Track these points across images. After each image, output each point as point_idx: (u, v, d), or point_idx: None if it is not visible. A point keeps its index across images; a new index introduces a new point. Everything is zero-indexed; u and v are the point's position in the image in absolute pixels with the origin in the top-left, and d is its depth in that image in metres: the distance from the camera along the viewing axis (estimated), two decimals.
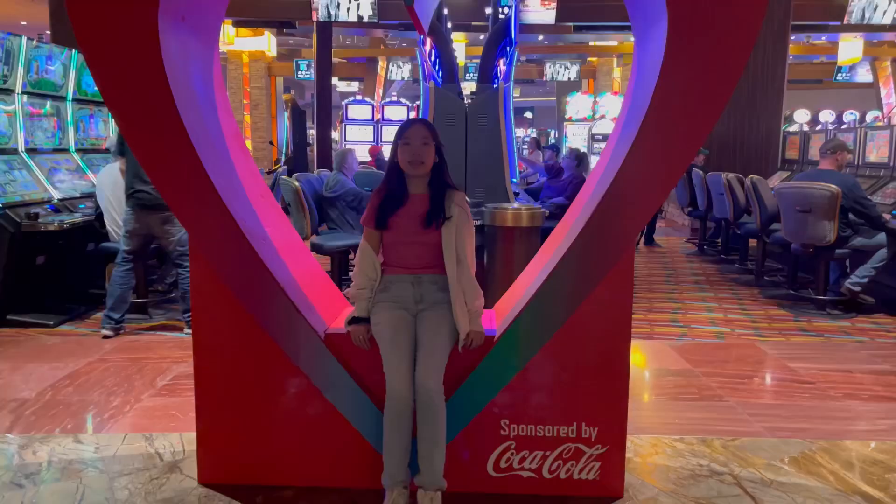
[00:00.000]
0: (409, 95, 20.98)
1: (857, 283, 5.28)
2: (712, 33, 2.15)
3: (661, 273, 7.15)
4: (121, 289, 4.57)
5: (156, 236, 4.64)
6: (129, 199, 4.52)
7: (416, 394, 2.25)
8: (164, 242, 4.64)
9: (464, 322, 2.39)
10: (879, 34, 14.96)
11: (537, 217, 4.38)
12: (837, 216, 5.08)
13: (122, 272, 4.59)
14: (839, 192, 5.03)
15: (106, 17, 2.21)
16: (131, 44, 2.21)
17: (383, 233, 2.50)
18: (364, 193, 5.45)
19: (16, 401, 3.42)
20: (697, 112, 2.23)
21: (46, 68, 5.52)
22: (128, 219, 4.55)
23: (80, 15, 2.22)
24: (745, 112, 9.60)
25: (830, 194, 5.06)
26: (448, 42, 6.39)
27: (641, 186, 2.31)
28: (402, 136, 2.45)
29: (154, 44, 2.21)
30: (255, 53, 17.35)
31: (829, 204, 5.08)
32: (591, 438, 2.50)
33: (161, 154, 2.34)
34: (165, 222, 4.56)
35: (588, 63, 20.55)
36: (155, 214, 4.52)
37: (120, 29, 2.21)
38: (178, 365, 3.97)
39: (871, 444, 3.02)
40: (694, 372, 3.97)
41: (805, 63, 20.89)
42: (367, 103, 15.45)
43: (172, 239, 4.61)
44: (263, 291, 2.44)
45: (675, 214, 11.58)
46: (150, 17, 2.19)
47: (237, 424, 2.57)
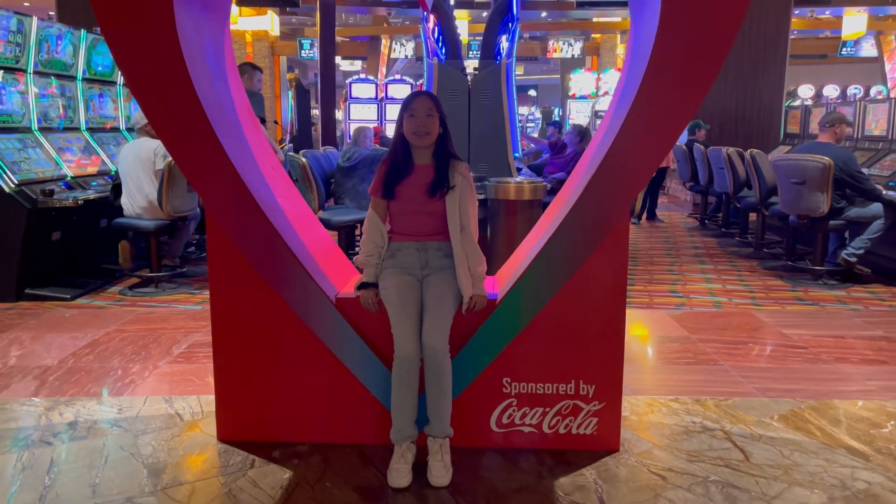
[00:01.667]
0: (413, 74, 20.98)
1: (853, 254, 5.39)
2: (703, 7, 2.25)
3: (662, 247, 7.26)
4: None
5: None
6: None
7: (423, 353, 2.39)
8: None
9: (467, 286, 2.52)
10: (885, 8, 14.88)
11: (539, 190, 4.50)
12: (830, 188, 5.18)
13: None
14: (831, 164, 5.13)
15: None
16: (148, 20, 2.32)
17: (390, 202, 2.62)
18: (379, 155, 5.55)
19: (39, 367, 3.57)
20: (688, 83, 2.33)
21: (57, 48, 5.62)
22: None
23: None
24: (747, 86, 9.67)
25: (823, 166, 5.16)
26: (451, 19, 6.46)
27: (635, 156, 2.43)
28: (408, 109, 2.56)
29: (169, 20, 2.32)
30: (258, 33, 17.34)
31: (822, 176, 5.18)
32: (588, 395, 2.64)
33: (178, 127, 2.45)
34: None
35: (592, 40, 20.48)
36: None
37: (136, 5, 2.32)
38: (192, 334, 4.12)
39: (858, 403, 3.16)
40: (690, 338, 4.10)
41: (810, 38, 20.78)
42: (370, 82, 15.49)
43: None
44: (277, 259, 2.57)
45: (677, 190, 11.66)
46: None
47: (254, 384, 2.72)
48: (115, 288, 5.32)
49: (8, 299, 4.84)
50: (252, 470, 2.53)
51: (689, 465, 2.56)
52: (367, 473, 2.50)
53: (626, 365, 2.67)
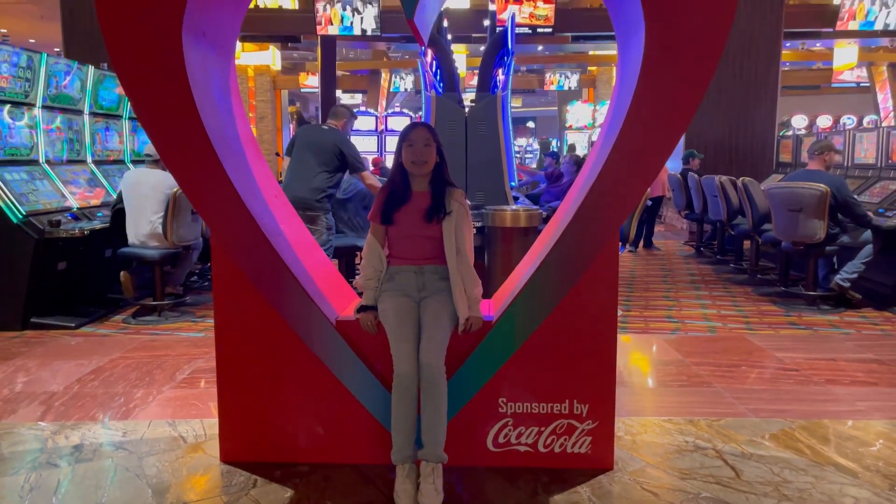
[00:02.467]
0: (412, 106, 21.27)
1: (846, 279, 5.48)
2: (684, 40, 2.38)
3: (658, 274, 7.35)
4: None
5: None
6: None
7: (420, 372, 2.47)
8: None
9: (463, 308, 2.61)
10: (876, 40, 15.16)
11: (534, 218, 4.60)
12: (826, 215, 5.29)
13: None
14: (828, 192, 5.25)
15: (135, 32, 2.45)
16: (158, 56, 2.45)
17: (388, 227, 2.72)
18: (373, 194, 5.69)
19: (45, 393, 3.64)
20: (673, 111, 2.46)
21: (65, 83, 5.78)
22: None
23: (112, 30, 2.46)
24: (740, 117, 9.85)
25: (820, 194, 5.28)
26: (448, 53, 6.63)
27: (623, 180, 2.54)
28: (406, 139, 2.67)
29: (178, 57, 2.45)
30: (260, 67, 17.66)
31: (819, 203, 5.29)
32: (582, 414, 2.71)
33: (186, 157, 2.57)
34: (309, 221, 4.82)
35: (588, 72, 20.83)
36: (300, 212, 4.78)
37: (148, 43, 2.45)
38: (195, 361, 4.19)
39: (847, 423, 3.22)
40: (685, 362, 4.17)
41: (802, 69, 21.13)
42: (370, 114, 15.74)
43: (314, 238, 4.85)
44: (280, 282, 2.66)
45: (673, 219, 11.79)
46: (174, 33, 2.44)
47: (256, 405, 2.79)
48: (119, 316, 5.40)
49: (14, 328, 4.92)
50: (254, 489, 2.59)
51: (681, 482, 2.63)
52: (367, 492, 2.56)
53: (621, 387, 2.76)
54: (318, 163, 4.88)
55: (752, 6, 9.57)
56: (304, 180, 4.86)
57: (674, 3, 2.36)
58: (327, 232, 4.99)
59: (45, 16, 14.62)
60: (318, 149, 4.91)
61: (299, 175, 4.91)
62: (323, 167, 4.89)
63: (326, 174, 4.90)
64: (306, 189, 4.83)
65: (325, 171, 4.90)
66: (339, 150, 4.91)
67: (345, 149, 4.94)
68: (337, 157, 4.92)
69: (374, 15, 11.10)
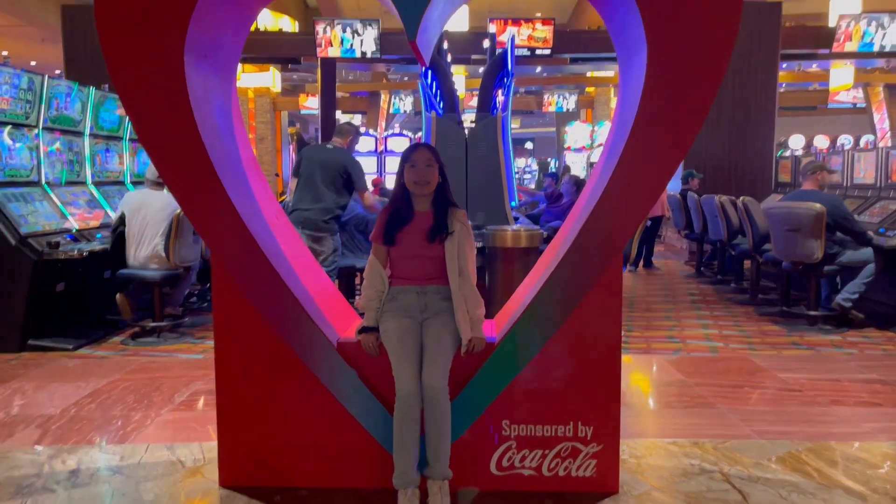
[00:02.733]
0: (412, 127, 21.38)
1: (847, 299, 5.46)
2: (687, 62, 2.39)
3: (658, 294, 7.33)
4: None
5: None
6: (289, 215, 4.81)
7: (424, 393, 2.44)
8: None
9: (466, 328, 2.59)
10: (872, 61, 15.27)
11: (535, 238, 4.59)
12: (823, 234, 5.29)
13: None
14: (824, 211, 5.25)
15: (137, 54, 2.45)
16: (160, 78, 2.46)
17: (390, 248, 2.70)
18: (370, 217, 5.69)
19: (42, 416, 3.60)
20: (675, 133, 2.46)
21: (66, 105, 5.80)
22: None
23: (114, 52, 2.47)
24: (739, 137, 9.90)
25: (816, 213, 5.28)
26: (448, 74, 6.67)
27: (625, 202, 2.53)
28: (408, 160, 2.67)
29: (180, 78, 2.45)
30: (260, 89, 17.75)
31: (815, 222, 5.29)
32: (586, 437, 2.68)
33: (187, 178, 2.56)
34: (315, 241, 4.88)
35: (586, 93, 20.94)
36: (307, 233, 4.84)
37: (150, 65, 2.45)
38: (194, 383, 4.15)
39: (854, 445, 3.19)
40: (687, 382, 4.14)
41: (799, 90, 21.27)
42: (370, 135, 15.80)
43: (319, 258, 4.89)
44: (281, 303, 2.64)
45: (672, 239, 11.79)
46: (176, 55, 2.44)
47: (256, 429, 2.76)
48: (118, 338, 5.36)
49: (11, 350, 4.88)
50: None
51: None
52: None
53: (624, 409, 2.72)
54: (326, 183, 4.89)
55: (750, 27, 9.65)
56: (313, 201, 4.87)
57: (676, 24, 2.37)
58: (333, 253, 4.98)
59: (47, 38, 14.72)
60: (325, 168, 4.92)
61: (308, 196, 4.91)
62: (331, 187, 4.90)
63: (334, 194, 4.91)
64: (315, 210, 4.85)
65: (333, 191, 4.91)
66: (345, 170, 4.92)
67: (351, 168, 4.95)
68: (343, 177, 4.93)
69: (374, 37, 11.18)
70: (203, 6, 2.43)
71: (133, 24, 2.44)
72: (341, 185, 4.94)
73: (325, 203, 4.86)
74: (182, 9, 2.40)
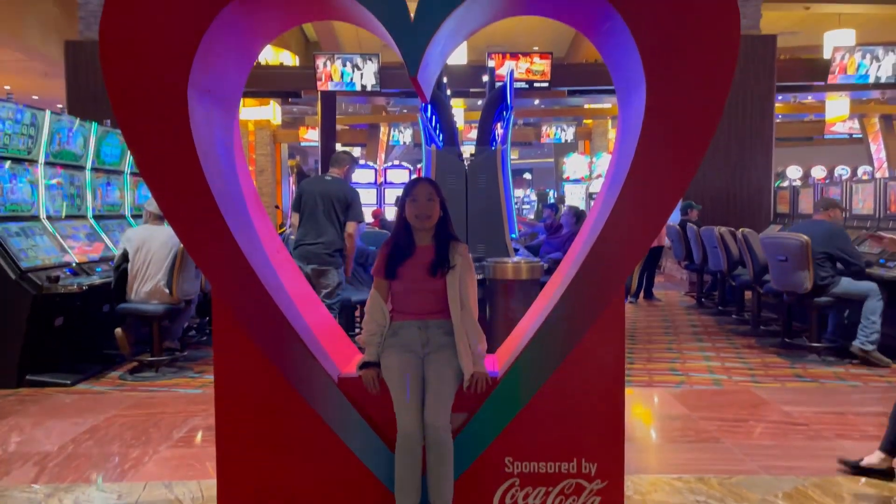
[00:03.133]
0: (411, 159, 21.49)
1: (865, 342, 5.27)
2: (685, 97, 2.41)
3: (660, 325, 7.30)
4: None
5: (311, 284, 4.89)
6: (294, 250, 4.86)
7: (425, 431, 2.41)
8: (316, 290, 4.89)
9: (468, 364, 2.57)
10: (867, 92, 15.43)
11: (536, 270, 4.59)
12: (811, 264, 5.27)
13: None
14: (808, 242, 5.24)
15: (141, 90, 2.47)
16: (163, 114, 2.47)
17: (392, 282, 2.69)
18: (369, 251, 5.70)
19: (39, 454, 3.56)
20: (675, 167, 2.46)
21: (68, 140, 5.83)
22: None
23: (118, 88, 2.48)
24: (736, 168, 9.96)
25: (801, 244, 5.28)
26: (447, 107, 6.72)
27: (627, 235, 2.53)
28: (410, 194, 2.67)
29: (183, 114, 2.47)
30: (260, 122, 17.89)
31: (801, 253, 5.29)
32: (590, 474, 2.64)
33: (189, 213, 2.56)
34: (320, 275, 4.91)
35: (584, 125, 21.13)
36: (312, 266, 4.85)
37: (153, 101, 2.47)
38: (192, 418, 4.11)
39: (861, 480, 3.14)
40: (691, 416, 4.10)
41: (796, 121, 21.45)
42: (370, 167, 15.89)
43: (323, 290, 4.91)
44: (281, 338, 2.62)
45: (673, 269, 11.78)
46: (180, 91, 2.46)
47: (255, 466, 2.71)
48: (116, 373, 5.32)
49: (9, 385, 4.83)
50: None
51: None
52: None
53: (628, 444, 2.68)
54: (327, 215, 4.92)
55: (746, 60, 9.77)
56: (317, 236, 4.90)
57: (675, 62, 2.40)
58: (337, 286, 4.98)
59: (49, 73, 14.86)
60: (325, 200, 4.94)
61: (312, 231, 4.94)
62: (332, 219, 4.93)
63: (336, 226, 4.93)
64: (319, 244, 4.88)
65: (335, 223, 4.93)
66: (345, 200, 4.94)
67: (351, 199, 4.98)
68: (343, 207, 4.95)
69: (374, 71, 11.30)
70: (207, 44, 2.46)
71: (137, 61, 2.46)
72: (342, 216, 4.96)
73: (328, 237, 4.90)
74: (186, 46, 2.43)
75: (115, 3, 2.46)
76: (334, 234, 4.91)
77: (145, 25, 2.45)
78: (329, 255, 4.89)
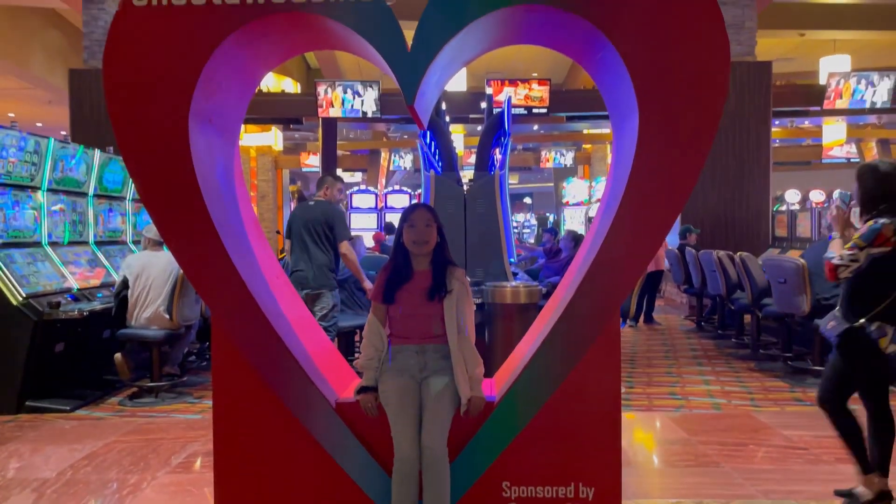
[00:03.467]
0: (411, 184, 21.59)
1: None
2: (678, 124, 2.45)
3: (660, 349, 7.30)
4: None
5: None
6: (290, 277, 4.87)
7: (422, 455, 2.42)
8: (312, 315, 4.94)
9: (465, 388, 2.58)
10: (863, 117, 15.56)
11: (534, 294, 4.60)
12: (808, 287, 5.28)
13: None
14: (804, 265, 5.27)
15: (143, 118, 2.53)
16: (165, 142, 2.52)
17: (389, 306, 2.72)
18: (369, 275, 5.72)
19: (37, 480, 3.55)
20: (669, 192, 2.51)
21: (71, 167, 5.89)
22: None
23: (121, 116, 2.54)
24: (734, 193, 10.01)
25: (796, 266, 5.32)
26: (446, 134, 6.80)
27: (622, 259, 2.56)
28: (408, 220, 2.71)
29: (184, 143, 2.52)
30: (262, 148, 18.02)
31: (798, 276, 5.33)
32: (588, 498, 2.64)
33: (189, 240, 2.60)
34: (314, 299, 4.96)
35: (583, 150, 21.26)
36: (306, 292, 4.89)
37: (155, 129, 2.52)
38: (191, 444, 4.11)
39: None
40: (691, 440, 4.09)
41: (793, 146, 21.59)
42: (370, 192, 15.99)
43: (318, 314, 4.94)
44: (279, 364, 2.64)
45: (672, 293, 11.79)
46: (181, 120, 2.51)
47: (254, 492, 2.71)
48: (115, 398, 5.32)
49: (8, 411, 4.83)
50: None
51: None
52: None
53: (627, 468, 2.69)
54: (314, 240, 4.99)
55: (742, 86, 9.88)
56: (308, 261, 4.96)
57: (667, 89, 2.45)
58: (332, 309, 5.01)
59: (53, 101, 15.02)
60: (310, 226, 5.02)
61: (303, 257, 5.00)
62: (319, 244, 4.99)
63: (324, 250, 4.99)
64: (310, 269, 4.94)
65: (322, 247, 4.99)
66: (328, 222, 5.00)
67: (333, 220, 5.02)
68: (328, 230, 5.00)
69: (375, 98, 11.41)
70: (208, 74, 2.52)
71: (140, 90, 2.52)
72: (330, 241, 5.01)
73: (317, 261, 4.97)
74: (187, 77, 2.49)
75: (119, 34, 2.52)
76: (323, 258, 4.98)
77: (148, 56, 2.51)
78: (321, 278, 4.95)
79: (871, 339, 2.91)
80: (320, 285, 4.95)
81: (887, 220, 2.88)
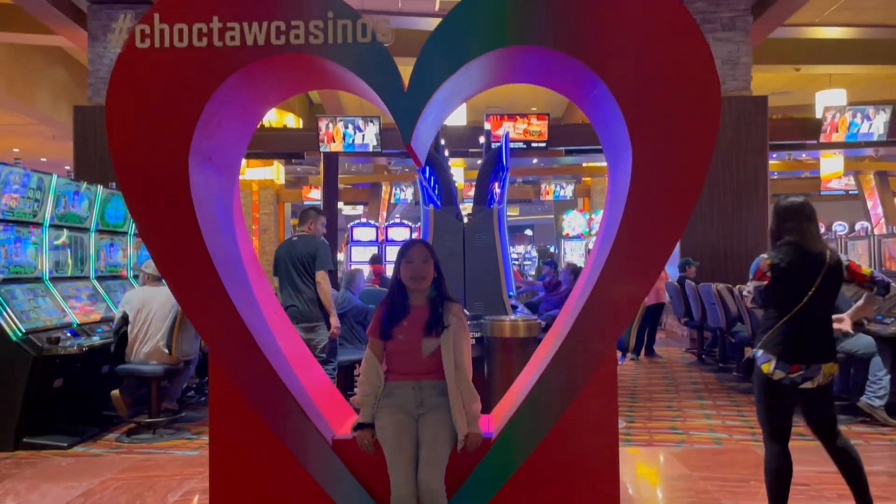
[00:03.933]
0: (412, 217, 21.69)
1: (873, 398, 5.23)
2: (670, 160, 2.49)
3: (660, 383, 7.26)
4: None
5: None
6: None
7: (419, 493, 2.40)
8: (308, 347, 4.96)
9: (462, 424, 2.57)
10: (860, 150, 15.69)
11: (533, 328, 4.60)
12: None
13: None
14: None
15: (144, 156, 2.57)
16: (165, 180, 2.56)
17: (387, 342, 2.73)
18: (369, 309, 5.74)
19: None
20: (663, 226, 2.53)
21: (73, 203, 5.94)
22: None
23: (122, 154, 2.58)
24: (732, 225, 10.05)
25: None
26: (445, 169, 6.87)
27: (618, 293, 2.57)
28: (405, 256, 2.74)
29: (184, 180, 2.55)
30: (264, 182, 18.16)
31: None
32: None
33: (188, 277, 2.62)
34: (310, 331, 4.99)
35: (582, 182, 21.39)
36: (301, 326, 4.92)
37: (155, 167, 2.56)
38: (188, 481, 4.08)
39: None
40: (692, 476, 4.06)
41: (791, 178, 21.71)
42: (371, 225, 16.06)
43: (318, 347, 4.99)
44: (276, 401, 2.64)
45: (673, 325, 11.76)
46: (181, 158, 2.55)
47: None
48: (113, 435, 5.29)
49: (6, 448, 4.80)
50: None
51: None
52: None
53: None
54: (300, 275, 5.05)
55: (738, 120, 9.98)
56: (297, 295, 5.01)
57: (659, 126, 2.49)
58: (329, 341, 5.03)
59: (57, 136, 15.19)
60: (295, 262, 5.07)
61: (292, 292, 5.05)
62: (305, 278, 5.04)
63: (311, 283, 5.02)
64: (302, 304, 4.99)
65: (309, 280, 5.03)
66: (312, 255, 5.03)
67: (315, 252, 5.05)
68: (313, 261, 5.04)
69: (375, 132, 11.54)
70: (208, 114, 2.56)
71: (141, 128, 2.57)
72: (314, 272, 5.06)
73: (307, 295, 5.03)
74: (188, 116, 2.53)
75: (122, 74, 2.58)
76: (311, 292, 5.03)
77: (150, 96, 2.57)
78: (312, 310, 4.99)
79: (759, 366, 3.09)
80: (313, 318, 4.99)
81: (765, 255, 3.08)
